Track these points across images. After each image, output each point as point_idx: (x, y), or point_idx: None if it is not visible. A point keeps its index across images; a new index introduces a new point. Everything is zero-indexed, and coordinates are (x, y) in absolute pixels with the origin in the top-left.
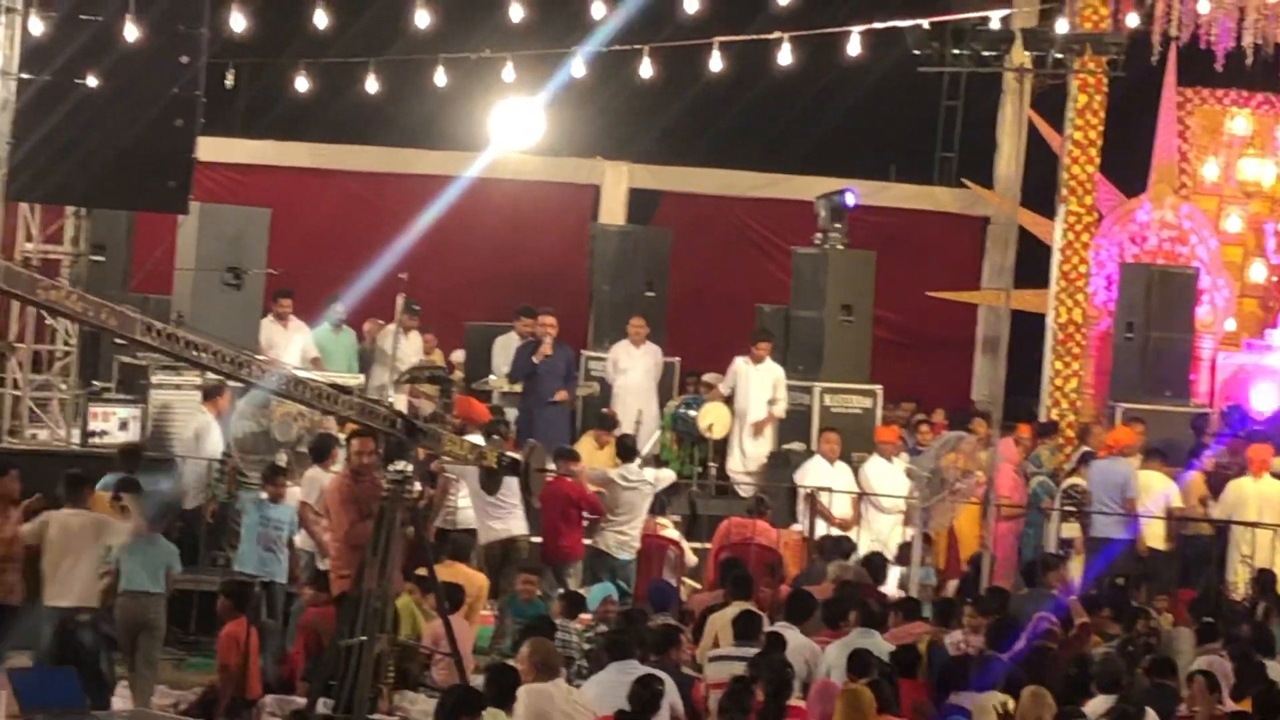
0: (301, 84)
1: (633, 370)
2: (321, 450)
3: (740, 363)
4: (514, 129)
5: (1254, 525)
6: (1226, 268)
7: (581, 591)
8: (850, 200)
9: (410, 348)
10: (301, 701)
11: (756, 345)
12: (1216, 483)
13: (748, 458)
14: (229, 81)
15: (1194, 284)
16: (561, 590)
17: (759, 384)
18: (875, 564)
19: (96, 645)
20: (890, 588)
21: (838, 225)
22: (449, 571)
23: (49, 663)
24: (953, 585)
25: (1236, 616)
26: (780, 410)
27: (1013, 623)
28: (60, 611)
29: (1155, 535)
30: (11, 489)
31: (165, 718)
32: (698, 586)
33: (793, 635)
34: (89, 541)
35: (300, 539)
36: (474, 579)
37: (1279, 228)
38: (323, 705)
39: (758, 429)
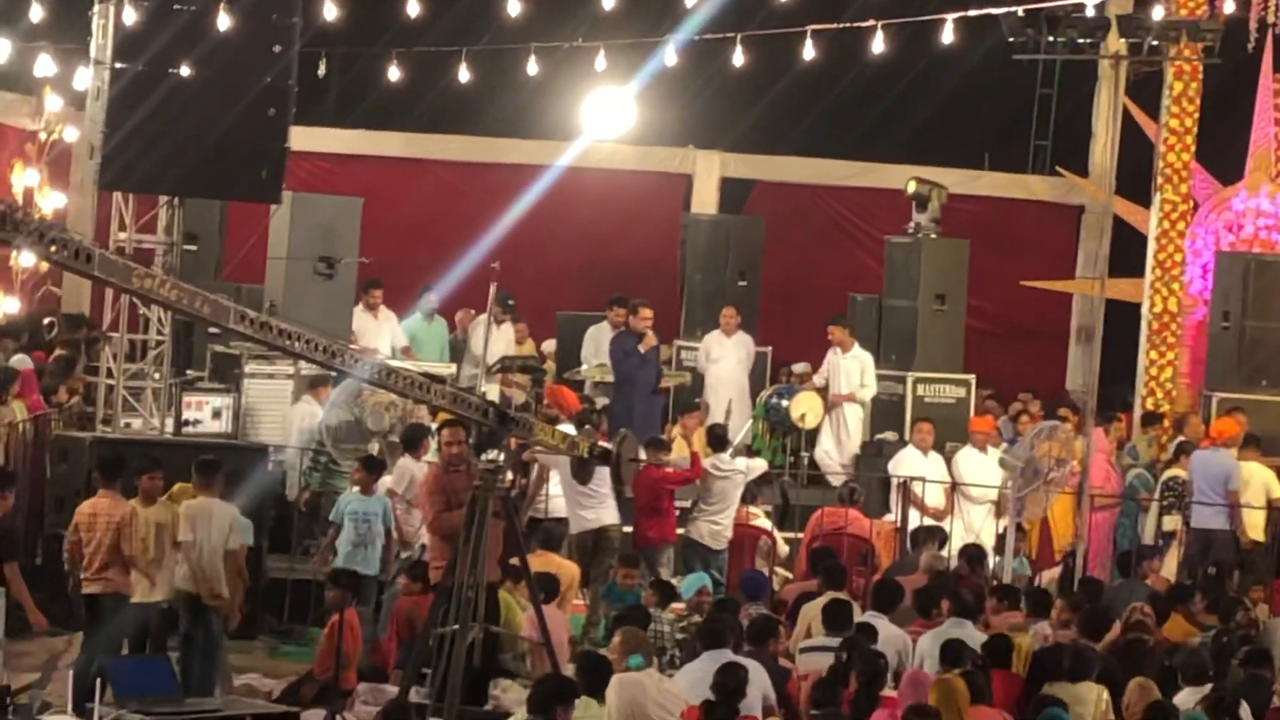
0: (394, 73)
1: (725, 360)
2: (414, 440)
3: (830, 354)
4: (606, 118)
5: None
6: None
7: (674, 581)
8: None
9: (502, 339)
10: (394, 690)
11: (832, 332)
12: None
13: (841, 447)
14: (321, 71)
15: None
16: (653, 579)
17: (848, 372)
18: (973, 554)
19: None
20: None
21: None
22: (541, 561)
23: (184, 646)
24: (1046, 575)
25: None
26: (865, 395)
27: (1105, 613)
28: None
29: (1255, 526)
30: (153, 488)
31: (257, 704)
32: (790, 576)
33: (883, 625)
34: (223, 529)
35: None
36: (566, 568)
37: None
38: (415, 693)
39: (832, 407)
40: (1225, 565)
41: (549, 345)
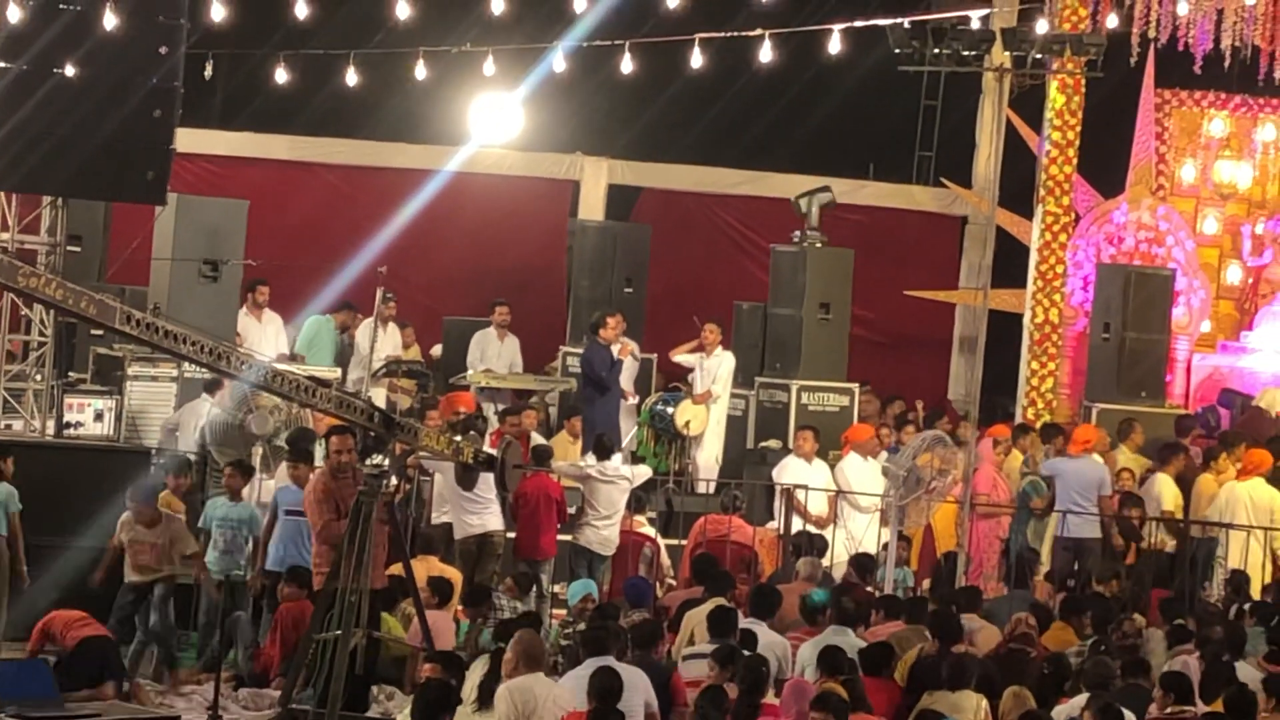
0: (281, 76)
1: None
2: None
3: (697, 356)
4: (493, 123)
5: (1228, 526)
6: (1203, 269)
7: (557, 589)
8: None
9: (389, 342)
10: (275, 694)
11: (703, 332)
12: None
13: (707, 454)
14: (208, 73)
15: (1170, 285)
16: (513, 574)
17: (710, 373)
18: (862, 562)
19: None
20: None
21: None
22: (425, 566)
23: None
24: (926, 583)
25: (1210, 618)
26: (715, 391)
27: (954, 619)
28: None
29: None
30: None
31: (138, 709)
32: (674, 583)
33: (762, 631)
34: None
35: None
36: (448, 574)
37: (1255, 230)
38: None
39: (700, 411)
40: (1096, 574)
41: (436, 350)
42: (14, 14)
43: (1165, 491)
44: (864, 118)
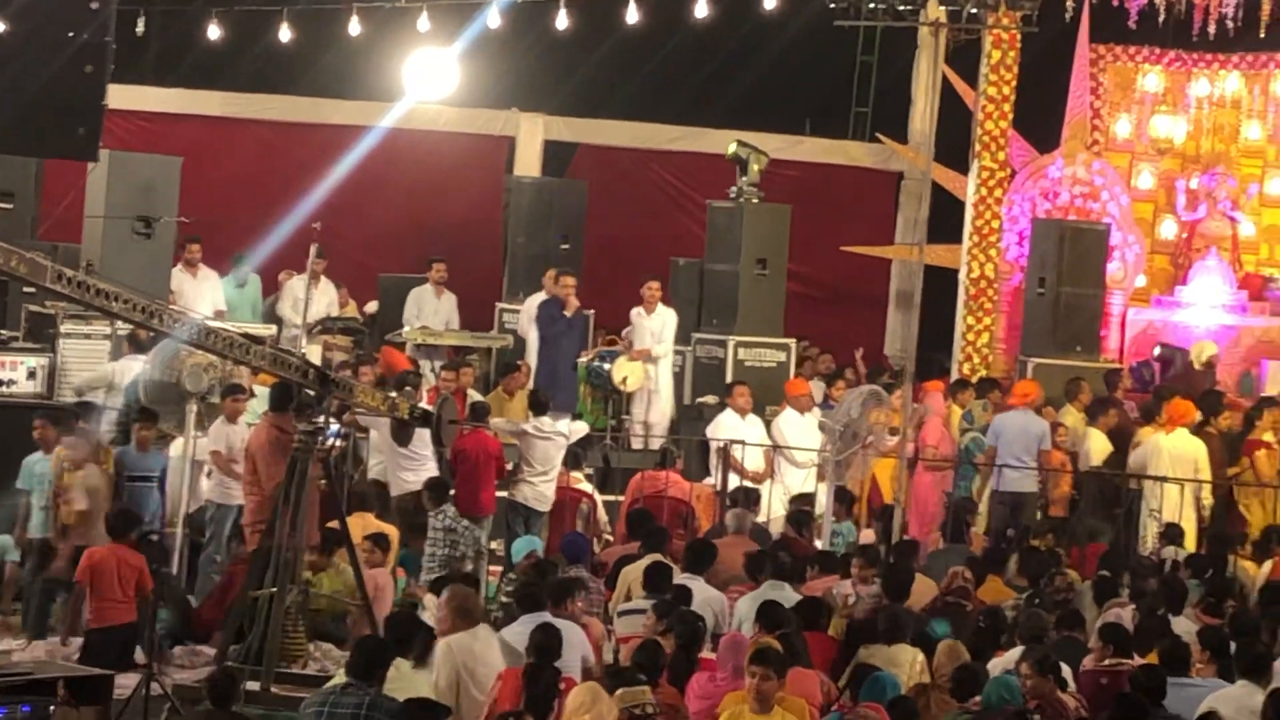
0: (214, 32)
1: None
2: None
3: (634, 313)
4: (428, 80)
5: (1163, 480)
6: (1138, 224)
7: (494, 545)
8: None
9: (323, 299)
10: (211, 652)
11: (645, 288)
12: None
13: (651, 407)
14: (140, 28)
15: (1105, 240)
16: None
17: (651, 331)
18: (800, 518)
19: None
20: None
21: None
22: (362, 522)
23: None
24: (864, 536)
25: (1144, 570)
26: (658, 351)
27: (904, 574)
28: None
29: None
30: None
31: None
32: (610, 539)
33: (698, 586)
34: None
35: (207, 488)
36: (385, 530)
37: (1190, 184)
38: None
39: (636, 368)
40: (1033, 528)
41: (371, 307)
42: None
43: (1095, 446)
44: (800, 73)
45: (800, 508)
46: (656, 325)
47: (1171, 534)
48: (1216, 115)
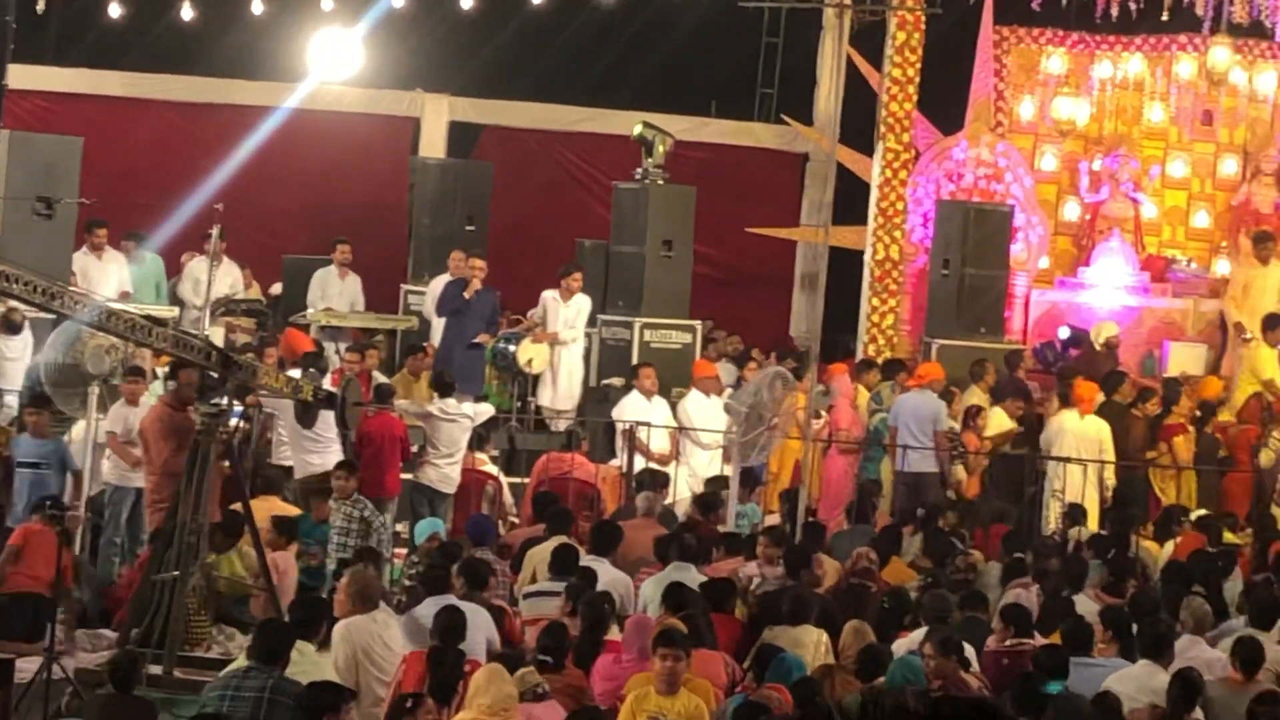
0: (115, 10)
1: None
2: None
3: (549, 297)
4: (332, 60)
5: (1066, 460)
6: (1041, 205)
7: (399, 527)
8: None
9: (225, 280)
10: (114, 636)
11: (569, 278)
12: (1030, 418)
13: (559, 394)
14: (40, 7)
15: (1009, 221)
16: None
17: (564, 319)
18: (706, 500)
19: None
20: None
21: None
22: (267, 505)
23: None
24: (769, 518)
25: (1047, 551)
26: (567, 336)
27: (803, 553)
28: None
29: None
30: None
31: None
32: (516, 520)
33: (603, 568)
34: None
35: (105, 470)
36: (290, 513)
37: (1093, 166)
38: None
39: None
40: (935, 508)
41: (275, 288)
42: None
43: (995, 423)
44: (705, 55)
45: (710, 490)
46: (571, 313)
47: (1074, 514)
48: (1119, 97)
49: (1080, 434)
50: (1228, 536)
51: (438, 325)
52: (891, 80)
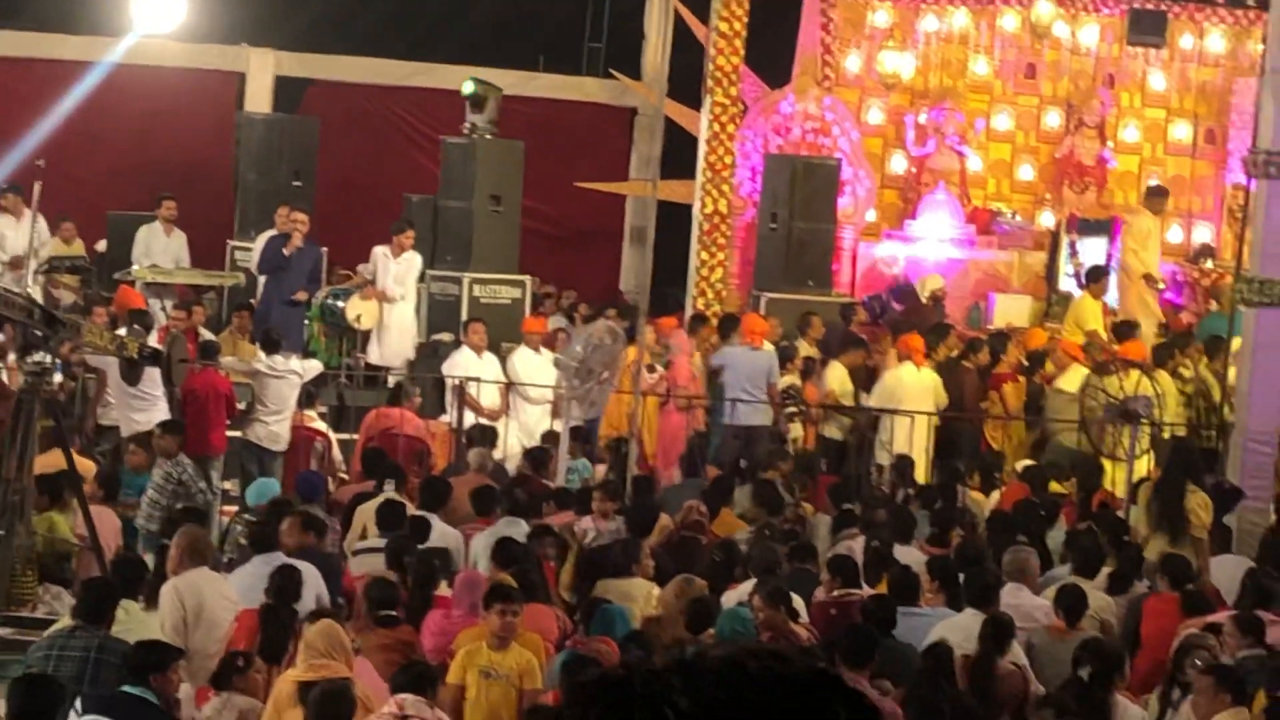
0: None
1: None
2: None
3: (380, 253)
4: (155, 14)
5: (892, 412)
6: (868, 159)
7: (227, 485)
8: None
9: (24, 238)
10: None
11: (401, 235)
12: (862, 371)
13: (389, 350)
14: None
15: (836, 175)
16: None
17: (397, 275)
18: (536, 455)
19: None
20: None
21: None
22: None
23: None
24: (599, 471)
25: (875, 502)
26: (396, 292)
27: (648, 509)
28: None
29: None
30: None
31: None
32: (346, 477)
33: (434, 523)
34: None
35: None
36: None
37: (918, 120)
38: None
39: (370, 306)
40: (764, 461)
41: (100, 245)
42: None
43: (833, 377)
44: (533, 9)
45: (541, 445)
46: (401, 269)
47: (902, 465)
48: (944, 50)
49: (920, 386)
50: (1053, 486)
51: (263, 282)
52: (719, 34)
